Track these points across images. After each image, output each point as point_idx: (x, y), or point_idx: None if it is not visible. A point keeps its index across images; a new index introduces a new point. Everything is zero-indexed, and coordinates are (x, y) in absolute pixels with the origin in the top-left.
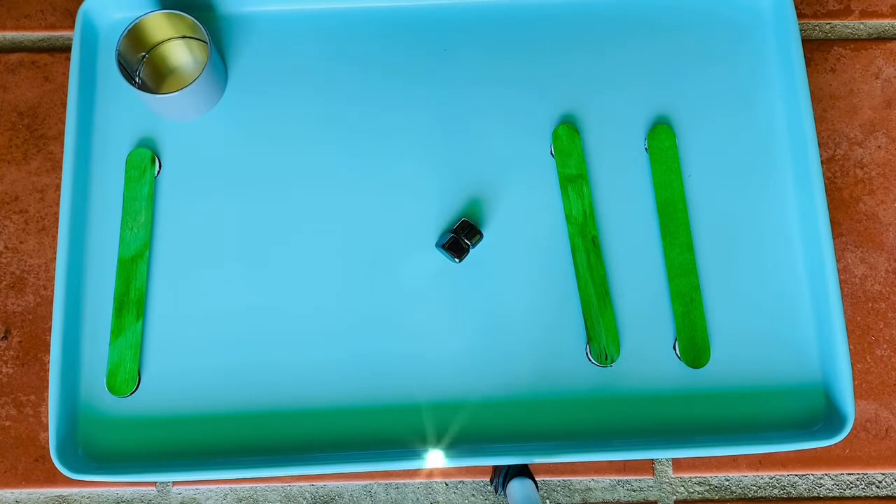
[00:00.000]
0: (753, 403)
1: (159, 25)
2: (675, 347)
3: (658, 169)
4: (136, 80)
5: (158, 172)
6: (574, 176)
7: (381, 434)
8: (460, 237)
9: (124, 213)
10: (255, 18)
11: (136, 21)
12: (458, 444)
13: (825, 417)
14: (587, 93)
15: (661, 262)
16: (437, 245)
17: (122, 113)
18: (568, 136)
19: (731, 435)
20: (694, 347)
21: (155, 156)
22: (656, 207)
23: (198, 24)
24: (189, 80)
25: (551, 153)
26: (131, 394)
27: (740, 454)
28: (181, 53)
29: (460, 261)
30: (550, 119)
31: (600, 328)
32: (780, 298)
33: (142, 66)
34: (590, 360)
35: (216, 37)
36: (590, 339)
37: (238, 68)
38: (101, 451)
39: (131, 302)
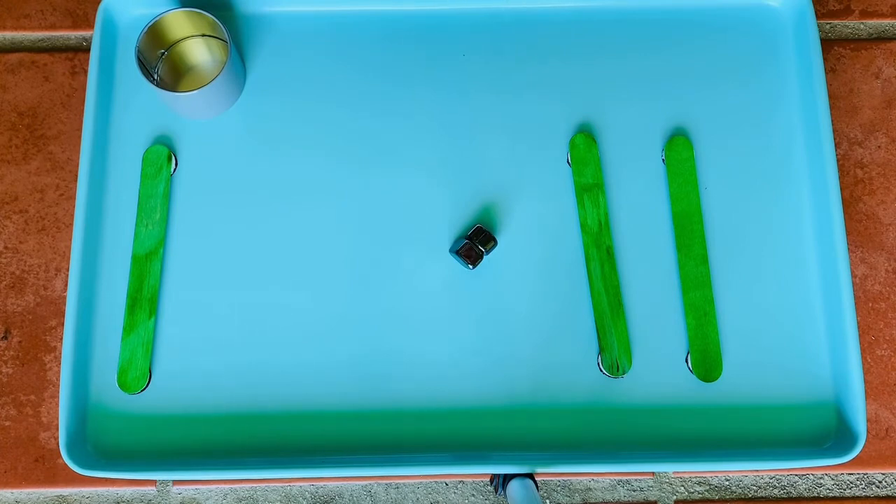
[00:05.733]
0: (764, 419)
1: (179, 23)
2: (687, 360)
3: (675, 180)
4: (155, 77)
5: (175, 170)
6: (590, 185)
7: (388, 439)
8: (474, 243)
9: (139, 210)
10: (274, 19)
11: (157, 18)
12: (464, 451)
13: (836, 435)
14: (605, 102)
15: (676, 273)
16: (450, 251)
17: (139, 110)
18: (585, 145)
19: (740, 450)
20: (706, 361)
21: (172, 153)
22: (672, 219)
23: (217, 22)
24: (207, 78)
25: (568, 162)
26: (142, 391)
27: (749, 470)
28: (200, 51)
29: (474, 267)
30: (567, 127)
31: (613, 339)
32: (794, 314)
33: (161, 63)
34: (601, 370)
35: (235, 36)
36: (602, 350)
37: (256, 68)
38: (110, 448)
39: (144, 299)
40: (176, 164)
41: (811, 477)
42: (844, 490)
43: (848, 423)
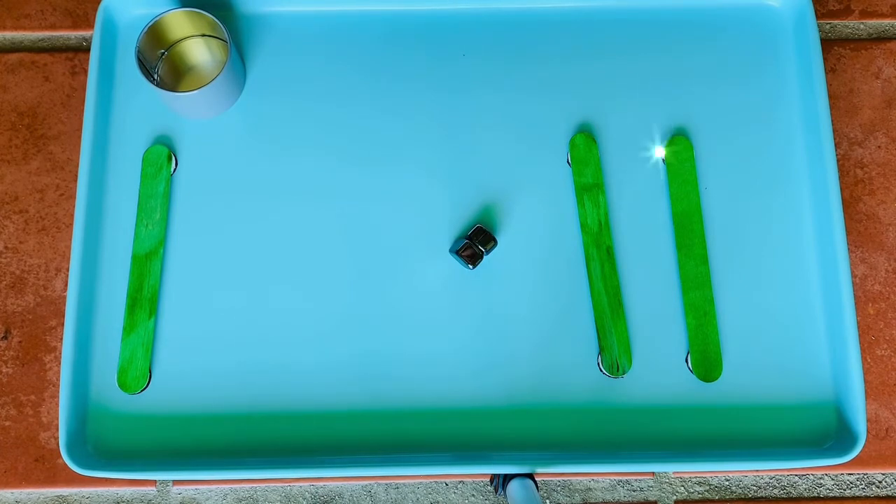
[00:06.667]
0: (764, 419)
1: (179, 23)
2: (687, 360)
3: (675, 180)
4: (155, 77)
5: (175, 170)
6: (590, 185)
7: (388, 439)
8: (474, 243)
9: (140, 210)
10: (274, 19)
11: (157, 18)
12: (464, 451)
13: (836, 435)
14: (605, 102)
15: (676, 273)
16: (450, 251)
17: (139, 110)
18: (585, 145)
19: (740, 450)
20: (706, 361)
21: (172, 153)
22: (672, 219)
23: (217, 22)
24: (207, 78)
25: (568, 162)
26: (142, 391)
27: (749, 470)
28: (200, 51)
29: (474, 267)
30: (567, 127)
31: (613, 339)
32: (794, 314)
33: (161, 63)
34: (601, 370)
35: (235, 36)
36: (602, 350)
37: (256, 68)
38: (110, 448)
39: (144, 299)
40: (176, 164)
41: (811, 477)
42: (844, 490)
43: (848, 423)
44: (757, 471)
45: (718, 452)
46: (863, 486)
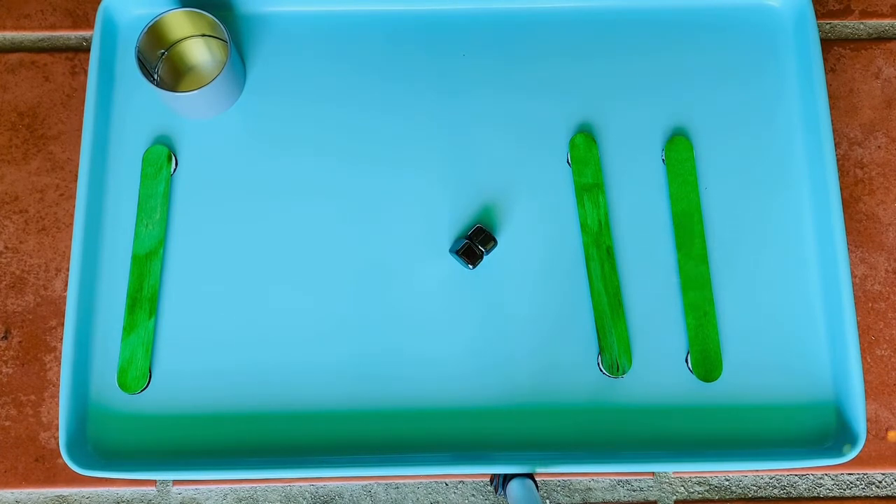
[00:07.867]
0: (764, 418)
1: (179, 23)
2: (687, 360)
3: (675, 180)
4: (155, 77)
5: (175, 170)
6: (590, 185)
7: (388, 439)
8: (474, 243)
9: (140, 210)
10: (274, 19)
11: (157, 18)
12: (464, 452)
13: (836, 435)
14: (605, 102)
15: (676, 273)
16: (450, 251)
17: (139, 110)
18: (585, 145)
19: (740, 450)
20: (706, 361)
21: (172, 153)
22: (672, 219)
23: (217, 22)
24: (207, 78)
25: (568, 162)
26: (142, 391)
27: (749, 470)
28: (200, 51)
29: (474, 267)
30: (567, 127)
31: (612, 339)
32: (794, 314)
33: (161, 63)
34: (601, 370)
35: (235, 36)
36: (602, 350)
37: (256, 68)
38: (110, 448)
39: (144, 299)
40: (176, 164)
41: (811, 477)
42: (844, 490)
43: (848, 423)
44: (757, 471)
45: (718, 452)
46: (863, 486)
